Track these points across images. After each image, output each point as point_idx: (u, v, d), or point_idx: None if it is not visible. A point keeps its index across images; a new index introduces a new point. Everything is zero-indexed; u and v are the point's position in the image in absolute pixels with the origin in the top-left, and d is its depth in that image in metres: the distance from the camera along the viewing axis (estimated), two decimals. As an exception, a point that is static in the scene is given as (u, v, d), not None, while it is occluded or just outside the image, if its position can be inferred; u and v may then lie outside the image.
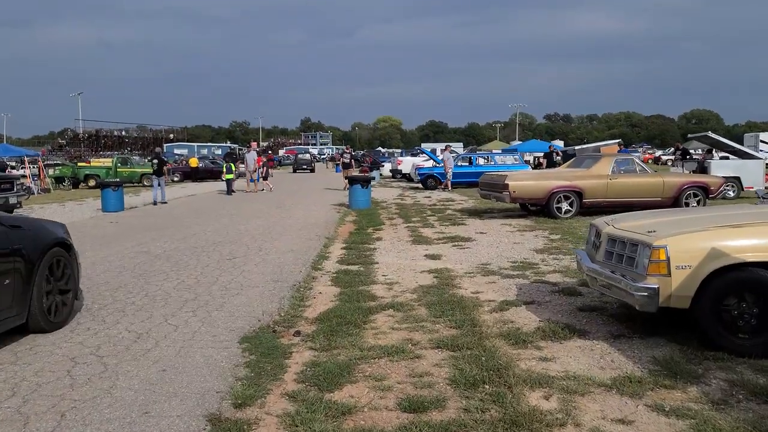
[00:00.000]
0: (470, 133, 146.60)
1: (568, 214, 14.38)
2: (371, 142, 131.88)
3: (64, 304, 5.84)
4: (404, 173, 34.31)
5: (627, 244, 5.13)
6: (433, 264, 9.00)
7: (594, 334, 5.45)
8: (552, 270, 8.37)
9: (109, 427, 3.65)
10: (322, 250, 10.27)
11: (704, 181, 15.26)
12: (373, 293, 7.15)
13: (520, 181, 14.71)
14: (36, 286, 5.41)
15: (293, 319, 6.01)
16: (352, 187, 18.12)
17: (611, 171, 14.83)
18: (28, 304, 5.32)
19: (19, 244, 5.30)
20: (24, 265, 5.28)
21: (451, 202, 20.03)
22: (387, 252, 10.18)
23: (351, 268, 8.74)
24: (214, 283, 7.59)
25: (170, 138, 75.65)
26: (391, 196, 23.56)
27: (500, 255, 9.68)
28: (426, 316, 6.11)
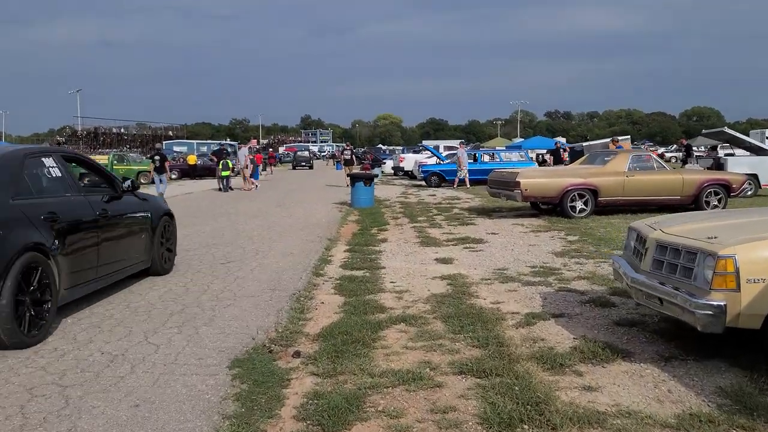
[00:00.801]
0: (471, 130, 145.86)
1: (582, 214, 13.63)
2: (371, 139, 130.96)
3: (169, 257, 8.13)
4: (407, 170, 33.58)
5: (682, 253, 4.38)
6: (445, 269, 8.25)
7: (640, 356, 4.71)
8: (576, 276, 7.63)
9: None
10: (323, 253, 9.52)
11: (726, 178, 14.50)
12: (381, 303, 6.41)
13: (533, 179, 13.96)
14: (156, 241, 7.62)
15: (292, 336, 5.27)
16: (355, 185, 17.37)
17: (627, 168, 14.08)
18: (151, 254, 7.53)
19: (148, 211, 7.57)
20: (150, 226, 7.51)
21: (457, 201, 19.29)
22: (394, 255, 9.44)
23: (356, 273, 8.00)
24: (205, 292, 6.85)
25: (170, 135, 74.86)
26: (394, 194, 22.81)
27: (517, 258, 8.93)
28: (443, 332, 5.37)
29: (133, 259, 7.09)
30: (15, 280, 4.81)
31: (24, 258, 4.93)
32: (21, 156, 5.79)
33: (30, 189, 5.62)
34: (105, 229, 6.35)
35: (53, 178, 6.04)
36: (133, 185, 7.37)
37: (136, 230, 7.18)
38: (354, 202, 17.32)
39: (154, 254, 7.57)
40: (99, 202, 6.45)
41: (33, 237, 5.12)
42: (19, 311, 4.85)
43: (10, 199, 5.18)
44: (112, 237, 6.52)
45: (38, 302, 5.11)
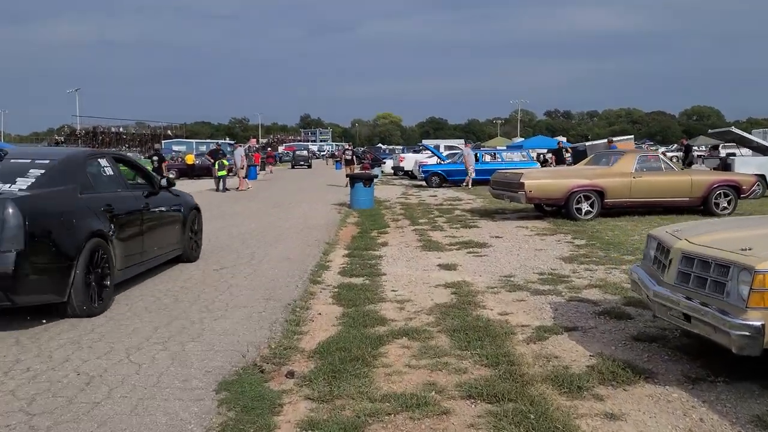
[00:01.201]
0: (470, 129, 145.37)
1: (588, 216, 13.24)
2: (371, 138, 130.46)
3: (197, 246, 9.12)
4: (407, 170, 33.19)
5: (712, 265, 4.00)
6: (449, 276, 7.87)
7: (664, 377, 4.32)
8: (588, 284, 7.24)
9: None
10: (321, 258, 9.14)
11: (736, 179, 14.12)
12: (382, 315, 6.03)
13: (537, 180, 13.56)
14: (187, 231, 8.59)
15: (286, 353, 4.88)
16: (354, 185, 16.98)
17: (635, 169, 13.70)
18: (183, 243, 8.48)
19: (180, 205, 8.60)
20: (181, 218, 8.48)
21: (458, 202, 18.90)
22: (395, 260, 9.05)
23: (355, 281, 7.61)
24: (195, 302, 6.45)
25: (169, 135, 74.47)
26: (394, 194, 22.41)
27: (523, 264, 8.55)
28: (449, 348, 4.98)
29: (169, 246, 8.12)
30: (85, 260, 5.82)
31: (91, 242, 5.96)
32: (83, 157, 6.92)
33: (91, 185, 6.59)
34: (147, 220, 7.43)
35: (107, 176, 7.07)
36: (168, 183, 8.44)
37: (170, 222, 8.20)
38: (353, 203, 16.93)
39: (185, 243, 8.59)
40: (141, 197, 7.51)
41: (96, 225, 6.16)
42: (89, 286, 5.85)
43: (78, 194, 6.21)
44: (152, 227, 7.58)
45: (101, 279, 6.10)
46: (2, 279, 5.14)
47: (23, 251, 5.23)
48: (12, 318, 5.69)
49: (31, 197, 5.62)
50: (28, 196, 5.63)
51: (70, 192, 6.11)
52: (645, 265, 5.16)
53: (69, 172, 6.36)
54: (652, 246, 5.03)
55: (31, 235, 5.32)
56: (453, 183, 25.85)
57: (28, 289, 5.39)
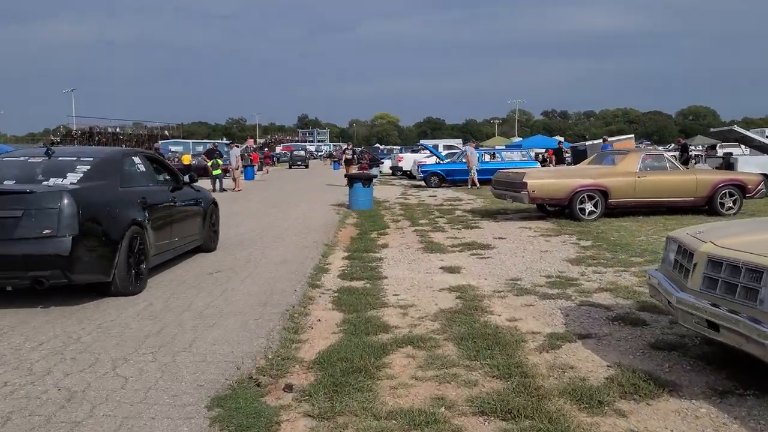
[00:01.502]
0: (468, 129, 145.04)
1: (592, 216, 12.96)
2: (369, 138, 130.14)
3: (216, 237, 9.88)
4: (405, 170, 32.91)
5: (743, 270, 3.71)
6: (453, 279, 7.58)
7: (689, 389, 4.04)
8: (598, 287, 6.95)
9: None
10: (320, 261, 8.84)
11: (741, 179, 13.86)
12: (384, 321, 5.73)
13: (540, 180, 13.28)
14: (206, 224, 9.32)
15: (284, 364, 4.58)
16: (353, 186, 16.67)
17: (639, 168, 13.42)
18: (203, 234, 9.19)
19: (201, 199, 9.30)
20: (202, 211, 9.16)
21: (459, 202, 18.61)
22: (396, 263, 8.76)
23: (355, 284, 7.32)
24: (188, 309, 6.14)
25: (166, 135, 74.04)
26: (393, 195, 22.12)
27: (529, 267, 8.26)
28: (457, 358, 4.69)
29: (191, 236, 8.81)
30: (126, 245, 6.58)
31: (131, 230, 6.74)
32: (120, 155, 7.77)
33: (128, 180, 7.37)
34: (174, 212, 8.15)
35: (140, 172, 7.82)
36: (191, 179, 9.19)
37: (193, 214, 8.90)
38: (352, 203, 16.63)
39: (205, 235, 9.29)
40: (168, 192, 8.24)
41: (135, 215, 6.93)
42: (129, 268, 6.62)
43: (119, 187, 7.02)
44: (179, 218, 8.29)
45: (138, 263, 6.86)
46: (61, 259, 5.88)
47: (77, 236, 5.99)
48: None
49: (81, 189, 6.39)
50: (79, 188, 6.40)
51: (113, 185, 6.94)
52: (664, 269, 4.87)
53: (110, 168, 7.17)
54: (672, 249, 4.74)
55: (83, 222, 6.08)
56: (452, 183, 25.57)
57: (81, 269, 6.14)
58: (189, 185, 9.06)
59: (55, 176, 6.62)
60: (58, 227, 5.91)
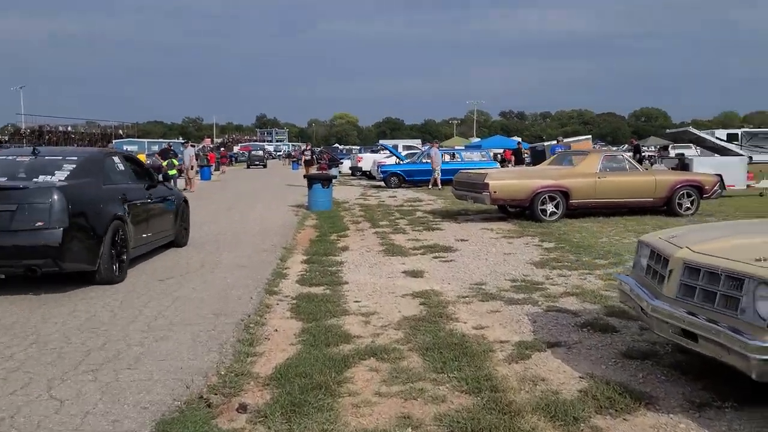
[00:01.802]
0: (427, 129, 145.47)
1: (553, 217, 12.88)
2: (328, 138, 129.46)
3: (186, 233, 10.29)
4: (365, 171, 32.64)
5: (722, 277, 3.54)
6: (416, 284, 7.34)
7: (666, 402, 3.86)
8: (564, 291, 6.79)
9: None
10: (278, 266, 8.49)
11: (699, 179, 13.98)
12: (345, 330, 5.45)
13: (502, 180, 13.15)
14: (178, 220, 9.73)
15: (238, 380, 4.26)
16: (312, 186, 16.32)
17: (599, 169, 13.41)
18: (175, 230, 9.60)
19: (173, 196, 9.81)
20: (174, 208, 9.58)
21: (419, 203, 18.41)
22: (357, 267, 8.48)
23: (315, 290, 7.01)
24: (135, 320, 5.75)
25: (120, 134, 72.18)
26: (352, 195, 21.81)
27: (494, 270, 8.07)
28: (423, 370, 4.44)
29: (165, 232, 9.30)
30: (110, 238, 7.13)
31: (114, 224, 7.29)
32: (102, 155, 8.44)
33: (110, 177, 7.93)
34: (150, 208, 8.72)
35: (120, 171, 8.38)
36: (165, 177, 10.27)
37: (166, 211, 9.38)
38: (311, 204, 16.28)
39: (177, 230, 9.75)
40: (145, 189, 8.77)
41: (117, 210, 7.51)
42: (112, 258, 7.15)
43: (102, 184, 7.59)
44: (154, 214, 8.84)
45: (120, 254, 7.40)
46: (52, 249, 6.43)
47: (67, 228, 6.53)
48: None
49: (70, 186, 6.91)
50: (68, 185, 6.90)
51: (97, 183, 7.51)
52: (636, 274, 4.71)
53: (93, 167, 7.75)
54: (645, 254, 4.57)
55: (72, 216, 6.61)
56: (412, 183, 25.40)
57: (70, 258, 6.66)
58: (162, 184, 9.76)
59: (43, 174, 7.10)
60: (50, 220, 6.47)
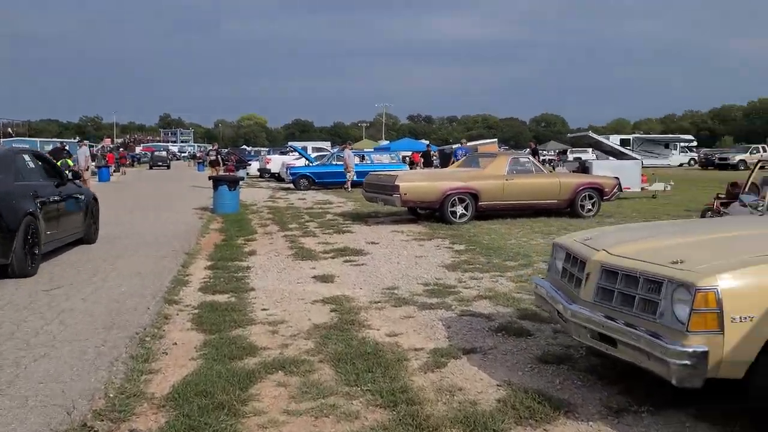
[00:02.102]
0: (336, 132, 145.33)
1: (463, 219, 12.93)
2: (235, 139, 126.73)
3: (96, 230, 10.55)
4: (273, 173, 32.00)
5: (640, 281, 3.48)
6: (326, 289, 7.05)
7: (584, 409, 3.77)
8: (477, 295, 6.70)
9: None
10: (180, 272, 7.97)
11: (599, 182, 14.45)
12: (252, 341, 5.10)
13: (412, 182, 13.08)
14: (87, 218, 10.05)
15: (129, 403, 3.83)
16: (218, 189, 15.68)
17: (507, 171, 13.59)
18: (85, 227, 9.93)
19: (83, 194, 10.12)
20: (84, 205, 9.92)
21: (329, 205, 18.11)
22: (265, 272, 8.09)
23: (219, 298, 6.59)
24: (12, 336, 5.14)
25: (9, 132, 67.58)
26: (261, 198, 21.24)
27: (405, 274, 7.90)
28: (335, 384, 4.16)
29: (75, 228, 9.56)
30: (22, 233, 7.36)
31: (26, 219, 7.52)
32: (13, 153, 8.74)
33: (21, 175, 8.17)
34: (61, 205, 8.95)
35: (30, 169, 8.65)
36: (74, 176, 10.70)
37: (77, 208, 9.64)
38: (217, 207, 15.64)
39: (86, 227, 10.00)
40: (55, 187, 9.00)
41: (29, 206, 7.72)
42: (25, 252, 7.41)
43: (14, 181, 7.81)
44: (65, 211, 9.10)
45: (32, 248, 7.63)
46: None
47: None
48: None
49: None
50: None
51: (8, 180, 7.69)
52: (551, 277, 4.63)
53: (5, 164, 7.93)
54: (560, 257, 4.50)
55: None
56: (322, 186, 25.09)
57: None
58: (72, 182, 10.06)
59: None
60: None
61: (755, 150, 50.52)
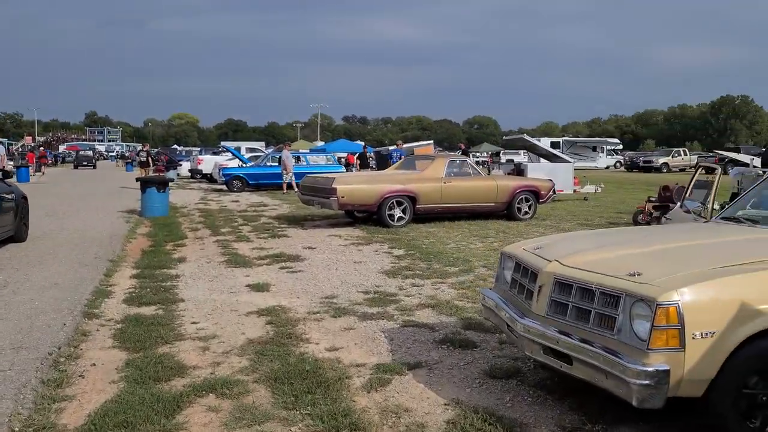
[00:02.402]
0: (270, 132, 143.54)
1: (401, 222, 12.75)
2: (166, 139, 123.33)
3: (26, 229, 10.85)
4: (205, 173, 31.08)
5: (596, 294, 3.31)
6: (261, 299, 6.69)
7: (537, 429, 3.58)
8: (419, 303, 6.48)
9: None
10: (102, 282, 7.43)
11: (536, 185, 14.50)
12: (180, 360, 4.71)
13: (350, 185, 12.78)
14: (18, 216, 10.35)
15: (38, 437, 3.40)
16: (146, 191, 14.97)
17: (445, 174, 13.47)
18: (15, 225, 10.21)
19: (13, 193, 10.29)
20: (14, 204, 10.13)
21: (263, 208, 17.61)
22: (195, 280, 7.65)
23: (144, 311, 6.13)
24: None
25: None
26: (192, 200, 20.50)
27: (344, 281, 7.61)
28: (271, 407, 3.84)
29: (6, 226, 9.77)
30: None
31: None
32: None
33: None
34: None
35: None
36: (4, 175, 11.08)
37: (7, 207, 9.80)
38: (145, 210, 14.93)
39: (17, 225, 10.24)
40: None
41: None
42: None
43: None
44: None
45: None
46: None
47: None
48: None
49: None
50: None
51: None
52: (500, 288, 4.43)
53: None
54: (509, 266, 4.31)
55: None
56: (256, 187, 24.48)
57: None
58: (2, 181, 10.35)
59: None
60: None
61: (677, 153, 52.77)
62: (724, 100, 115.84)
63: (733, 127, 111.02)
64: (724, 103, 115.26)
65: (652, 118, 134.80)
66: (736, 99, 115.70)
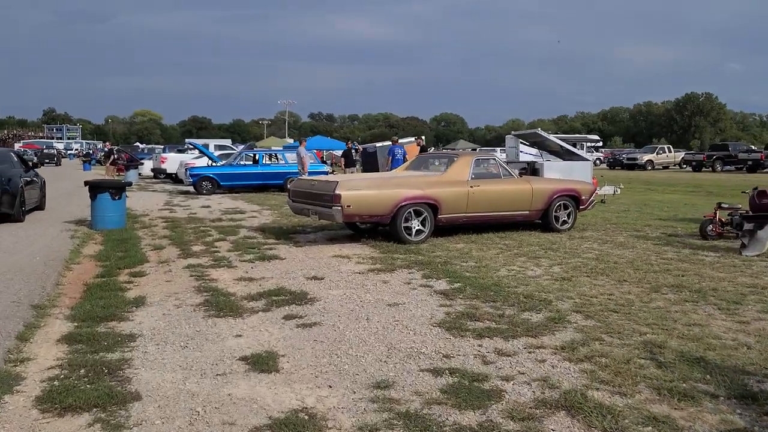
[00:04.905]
0: (236, 129, 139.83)
1: (420, 236, 10.15)
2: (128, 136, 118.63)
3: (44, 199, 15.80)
4: (170, 173, 28.09)
5: None
6: (269, 392, 4.04)
7: None
8: (534, 399, 3.89)
9: None
10: (11, 354, 4.70)
11: (576, 188, 11.95)
12: None
13: (357, 191, 10.06)
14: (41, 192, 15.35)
15: None
16: (98, 197, 12.06)
17: (471, 176, 10.89)
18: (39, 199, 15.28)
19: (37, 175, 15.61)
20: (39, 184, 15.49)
21: (241, 215, 14.77)
22: (160, 347, 4.96)
23: (68, 427, 3.44)
24: None
25: None
26: (155, 205, 17.58)
27: (391, 346, 4.98)
28: None
29: (36, 199, 14.94)
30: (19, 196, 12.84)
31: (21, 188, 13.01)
32: (6, 151, 15.12)
33: (11, 164, 13.62)
34: (28, 183, 13.95)
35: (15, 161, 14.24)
36: (33, 165, 19.57)
37: (35, 186, 14.85)
38: (96, 222, 12.06)
39: (40, 199, 15.36)
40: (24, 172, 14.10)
41: (19, 182, 13.01)
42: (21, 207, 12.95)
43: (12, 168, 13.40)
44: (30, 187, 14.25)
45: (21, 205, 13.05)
46: None
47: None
48: None
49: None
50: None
51: (8, 168, 13.09)
52: None
53: (6, 158, 13.61)
54: None
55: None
56: (228, 189, 21.66)
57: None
58: (32, 169, 14.22)
59: None
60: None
61: (662, 150, 51.13)
62: (689, 97, 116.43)
63: (698, 124, 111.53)
64: (688, 101, 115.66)
65: (618, 115, 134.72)
66: (701, 96, 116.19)
